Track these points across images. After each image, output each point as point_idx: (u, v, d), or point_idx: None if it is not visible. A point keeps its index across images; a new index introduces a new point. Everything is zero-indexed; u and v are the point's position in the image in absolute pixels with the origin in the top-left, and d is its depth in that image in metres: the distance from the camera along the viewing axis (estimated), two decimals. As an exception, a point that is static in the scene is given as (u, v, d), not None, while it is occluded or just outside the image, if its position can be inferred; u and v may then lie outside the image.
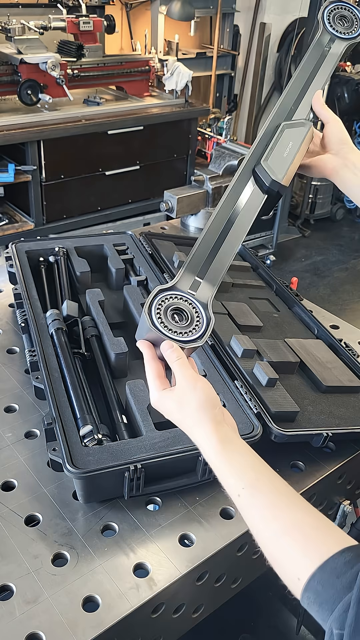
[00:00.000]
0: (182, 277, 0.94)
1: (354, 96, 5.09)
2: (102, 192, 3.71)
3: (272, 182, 1.01)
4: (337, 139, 1.12)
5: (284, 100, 1.10)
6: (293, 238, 5.16)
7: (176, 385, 0.86)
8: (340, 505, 1.38)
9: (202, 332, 0.90)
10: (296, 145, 1.05)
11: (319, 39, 1.15)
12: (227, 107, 5.21)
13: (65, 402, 1.20)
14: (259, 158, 1.03)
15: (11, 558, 1.02)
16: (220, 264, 0.96)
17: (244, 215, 1.00)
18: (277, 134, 1.05)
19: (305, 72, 1.12)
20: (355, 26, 1.16)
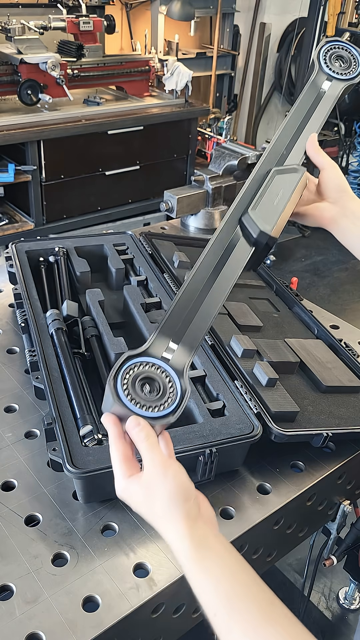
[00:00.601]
0: (155, 341, 0.84)
1: (354, 96, 5.09)
2: (102, 192, 3.71)
3: (260, 234, 0.93)
4: (335, 187, 1.06)
5: (276, 143, 1.02)
6: (293, 238, 5.16)
7: (144, 472, 0.75)
8: (340, 505, 1.38)
9: (175, 405, 0.79)
10: (288, 193, 0.97)
11: (315, 79, 1.08)
12: (227, 107, 5.21)
13: (65, 402, 1.20)
14: (247, 206, 0.96)
15: (11, 558, 1.02)
16: (199, 326, 0.86)
17: (229, 270, 0.91)
18: (267, 181, 0.97)
19: (299, 114, 1.06)
20: (353, 66, 1.10)
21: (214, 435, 1.15)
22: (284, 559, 2.24)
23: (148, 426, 0.77)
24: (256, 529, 1.13)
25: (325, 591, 2.21)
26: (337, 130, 5.33)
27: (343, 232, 1.07)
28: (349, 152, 5.41)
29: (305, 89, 1.07)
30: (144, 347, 0.83)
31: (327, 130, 5.11)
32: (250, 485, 1.20)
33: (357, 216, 1.05)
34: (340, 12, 4.80)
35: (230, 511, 1.14)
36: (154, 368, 0.82)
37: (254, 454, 1.21)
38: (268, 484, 1.21)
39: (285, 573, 2.24)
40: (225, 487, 1.19)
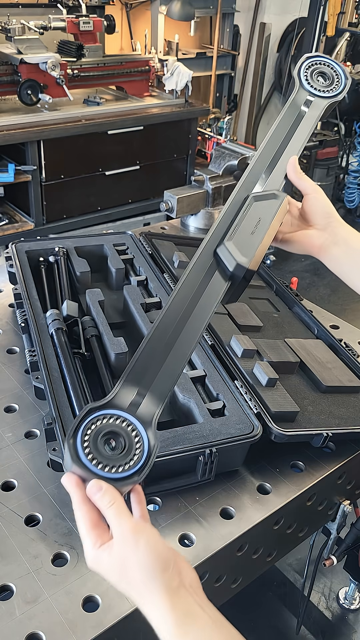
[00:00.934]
0: (120, 390, 0.76)
1: (354, 96, 5.10)
2: (102, 192, 3.71)
3: (237, 267, 0.86)
4: (322, 213, 0.99)
5: (254, 167, 0.95)
6: (293, 238, 5.15)
7: (113, 541, 0.68)
8: (340, 505, 1.38)
9: (142, 463, 0.72)
10: (267, 221, 0.89)
11: (295, 97, 1.01)
12: (227, 107, 5.21)
13: (65, 402, 1.20)
14: (222, 237, 0.88)
15: (11, 558, 1.02)
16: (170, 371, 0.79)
17: (203, 307, 0.84)
18: (244, 208, 0.90)
19: (279, 134, 0.98)
20: (336, 83, 1.03)
21: (214, 435, 1.15)
22: (284, 559, 2.24)
23: (112, 490, 0.69)
24: (256, 529, 1.13)
25: (325, 591, 2.21)
26: (337, 130, 5.33)
27: (335, 260, 1.00)
28: (349, 152, 5.41)
29: (286, 107, 1.01)
30: (108, 398, 0.75)
31: (327, 130, 5.12)
32: (250, 485, 1.20)
33: (349, 244, 0.98)
34: (340, 12, 4.81)
35: (230, 511, 1.14)
36: (119, 421, 0.74)
37: (254, 454, 1.21)
38: (268, 484, 1.21)
39: (285, 573, 2.24)
40: (225, 487, 1.19)
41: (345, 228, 1.00)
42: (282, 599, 2.18)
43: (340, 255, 0.98)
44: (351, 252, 0.97)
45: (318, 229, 0.99)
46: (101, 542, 0.68)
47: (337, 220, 0.99)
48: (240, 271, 0.86)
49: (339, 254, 0.98)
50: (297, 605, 2.09)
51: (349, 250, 0.97)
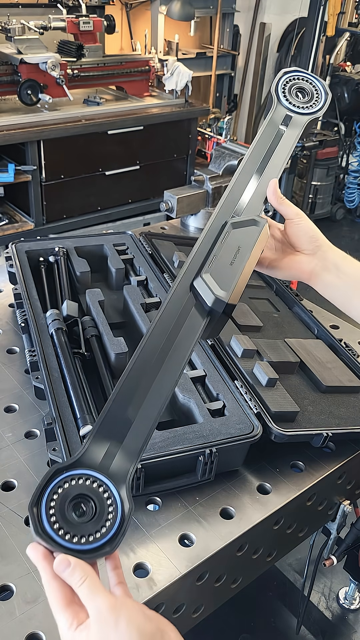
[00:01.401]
0: (89, 447, 0.69)
1: (354, 96, 5.10)
2: (102, 192, 3.71)
3: (216, 301, 0.78)
4: (308, 238, 0.93)
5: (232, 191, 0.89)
6: (293, 238, 5.15)
7: (90, 621, 0.60)
8: (340, 505, 1.38)
9: (115, 531, 0.64)
10: (247, 250, 0.83)
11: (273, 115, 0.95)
12: (227, 107, 5.21)
13: (65, 402, 1.20)
14: (199, 269, 0.81)
15: (11, 558, 1.02)
16: (145, 421, 0.71)
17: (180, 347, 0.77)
18: (222, 236, 0.83)
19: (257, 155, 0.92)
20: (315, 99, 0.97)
21: (214, 435, 1.15)
22: (284, 559, 2.25)
23: (82, 564, 0.61)
24: (256, 529, 1.13)
25: (325, 591, 2.21)
26: (337, 130, 5.33)
27: (327, 287, 0.94)
28: (349, 152, 5.41)
29: (264, 126, 0.94)
30: (76, 456, 0.68)
31: (327, 131, 5.12)
32: (250, 485, 1.20)
33: (340, 268, 0.93)
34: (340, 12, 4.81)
35: (230, 511, 1.14)
36: (89, 482, 0.66)
37: (254, 454, 1.21)
38: (268, 484, 1.21)
39: (285, 573, 2.24)
40: (225, 487, 1.19)
41: (334, 252, 0.95)
42: (282, 599, 2.18)
43: (332, 281, 0.93)
44: (343, 277, 0.92)
45: (306, 254, 0.94)
46: (77, 622, 0.61)
47: (324, 244, 0.94)
48: (219, 306, 0.79)
49: (331, 279, 0.93)
50: (297, 605, 2.09)
51: (341, 275, 0.92)
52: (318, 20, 4.20)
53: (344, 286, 0.92)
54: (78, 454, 0.69)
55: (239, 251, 0.83)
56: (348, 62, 5.37)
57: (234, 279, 0.80)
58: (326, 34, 4.63)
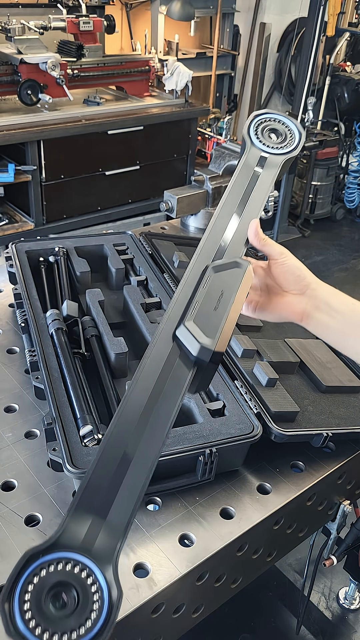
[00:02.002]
0: (69, 525, 0.61)
1: (354, 96, 5.10)
2: (102, 192, 3.71)
3: (201, 350, 0.73)
4: (294, 278, 0.89)
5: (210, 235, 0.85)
6: (293, 238, 5.16)
7: None
8: (340, 505, 1.38)
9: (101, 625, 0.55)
10: (230, 294, 0.78)
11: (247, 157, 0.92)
12: (227, 107, 5.21)
13: (65, 402, 1.20)
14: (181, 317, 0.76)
15: (11, 558, 1.02)
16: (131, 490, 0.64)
17: (165, 404, 0.70)
18: (203, 281, 0.79)
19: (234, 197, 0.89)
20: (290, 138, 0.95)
21: (214, 435, 1.15)
22: (284, 559, 2.25)
23: None
24: (256, 529, 1.13)
25: (325, 591, 2.21)
26: (337, 130, 5.33)
27: (321, 326, 0.90)
28: (349, 152, 5.41)
29: (239, 168, 0.92)
30: (53, 538, 0.60)
31: (327, 131, 5.12)
32: (250, 485, 1.20)
33: (332, 306, 0.88)
34: (340, 12, 4.81)
35: (230, 511, 1.14)
36: (69, 567, 0.57)
37: (254, 454, 1.21)
38: (268, 484, 1.21)
39: (285, 573, 2.24)
40: (225, 487, 1.19)
41: (323, 289, 0.90)
42: (282, 599, 2.19)
43: (325, 320, 0.89)
44: (336, 316, 0.88)
45: (294, 294, 0.90)
46: None
47: (313, 281, 0.90)
48: (205, 355, 0.73)
49: (324, 319, 0.89)
50: (297, 605, 2.09)
51: (333, 313, 0.88)
52: (318, 20, 4.21)
53: (338, 325, 0.88)
54: (56, 533, 0.60)
55: (223, 296, 0.78)
56: (348, 62, 5.37)
57: (219, 325, 0.76)
58: (326, 34, 4.63)
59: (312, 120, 4.40)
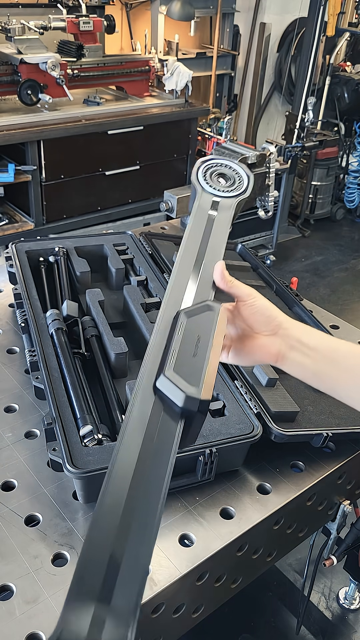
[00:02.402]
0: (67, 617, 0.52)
1: (354, 96, 5.10)
2: (102, 192, 3.71)
3: (187, 400, 0.68)
4: (265, 318, 0.85)
5: (175, 282, 0.83)
6: (293, 238, 5.16)
7: None
8: (340, 505, 1.38)
9: None
10: (207, 337, 0.75)
11: (200, 203, 0.92)
12: (227, 107, 5.21)
13: (65, 402, 1.20)
14: (159, 368, 0.71)
15: (11, 558, 1.02)
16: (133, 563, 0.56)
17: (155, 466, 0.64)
18: (177, 328, 0.75)
19: (194, 243, 0.87)
20: (239, 181, 0.95)
21: (214, 435, 1.15)
22: (284, 559, 2.24)
23: None
24: (256, 529, 1.13)
25: (325, 591, 2.21)
26: (337, 130, 5.33)
27: (296, 366, 0.86)
28: (349, 152, 5.41)
29: (193, 213, 0.91)
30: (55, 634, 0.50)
31: (327, 131, 5.12)
32: (250, 485, 1.20)
33: (306, 344, 0.84)
34: (340, 12, 4.81)
35: (230, 511, 1.14)
36: None
37: (254, 454, 1.21)
38: (268, 484, 1.21)
39: (285, 573, 2.24)
40: (225, 487, 1.19)
41: (296, 327, 0.86)
42: (282, 599, 2.18)
43: (300, 359, 0.84)
44: (311, 354, 0.84)
45: (267, 335, 0.86)
46: None
47: (284, 320, 0.86)
48: (192, 404, 0.68)
49: (300, 358, 0.84)
50: (297, 605, 2.09)
51: (308, 351, 0.84)
52: (318, 20, 4.21)
53: (314, 363, 0.84)
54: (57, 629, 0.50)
55: (200, 341, 0.74)
56: (348, 62, 5.37)
57: (202, 371, 0.71)
58: (326, 34, 4.62)
59: (312, 120, 4.40)
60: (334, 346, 0.85)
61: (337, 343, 0.86)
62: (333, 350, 0.85)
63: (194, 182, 0.94)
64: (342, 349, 0.85)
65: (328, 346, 0.85)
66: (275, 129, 5.85)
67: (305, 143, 4.32)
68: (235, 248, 2.00)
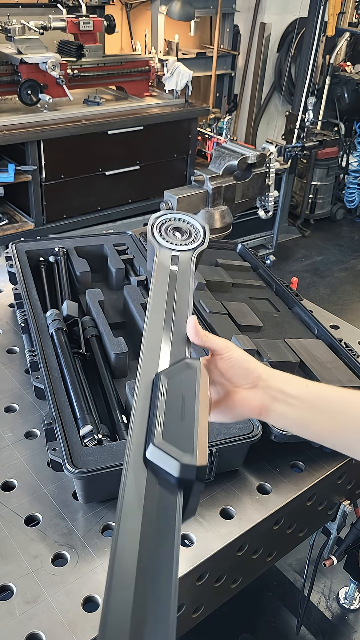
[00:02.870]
0: None
1: (354, 96, 5.10)
2: (102, 192, 3.71)
3: (183, 469, 0.63)
4: (243, 371, 0.81)
5: (148, 343, 0.78)
6: (293, 238, 5.16)
7: None
8: (340, 505, 1.39)
9: None
10: (193, 398, 0.70)
11: (159, 259, 0.90)
12: (227, 107, 5.21)
13: (65, 402, 1.20)
14: (147, 438, 0.66)
15: (11, 558, 1.02)
16: None
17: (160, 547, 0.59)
18: (159, 392, 0.70)
19: (160, 300, 0.84)
20: (195, 234, 0.94)
21: (214, 435, 1.15)
22: (284, 559, 2.24)
23: None
24: (256, 529, 1.13)
25: (325, 591, 2.21)
26: (337, 130, 5.33)
27: (282, 417, 0.82)
28: (349, 152, 5.41)
29: (155, 270, 0.89)
30: None
31: (327, 131, 5.12)
32: (250, 485, 1.20)
33: (288, 393, 0.81)
34: (340, 12, 4.81)
35: (230, 511, 1.14)
36: None
37: (254, 454, 1.21)
38: (268, 484, 1.21)
39: (285, 573, 2.24)
40: (225, 487, 1.19)
41: (275, 377, 0.83)
42: (282, 599, 2.18)
43: (286, 410, 0.81)
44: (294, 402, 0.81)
45: (247, 388, 0.81)
46: None
47: (263, 371, 0.82)
48: (189, 473, 0.63)
49: (282, 409, 0.81)
50: (297, 605, 2.09)
51: (290, 399, 0.81)
52: (318, 20, 4.21)
53: (298, 412, 0.81)
54: None
55: (185, 402, 0.70)
56: (348, 62, 5.37)
57: (193, 434, 0.67)
58: (326, 34, 4.62)
59: (312, 120, 4.40)
60: (320, 393, 0.82)
61: (322, 390, 0.83)
62: (320, 398, 0.81)
63: (151, 240, 0.92)
64: (331, 395, 0.82)
65: (314, 394, 0.82)
66: (275, 129, 5.85)
67: (305, 143, 4.32)
68: (235, 248, 2.00)
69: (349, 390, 0.83)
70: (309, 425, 0.82)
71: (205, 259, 1.83)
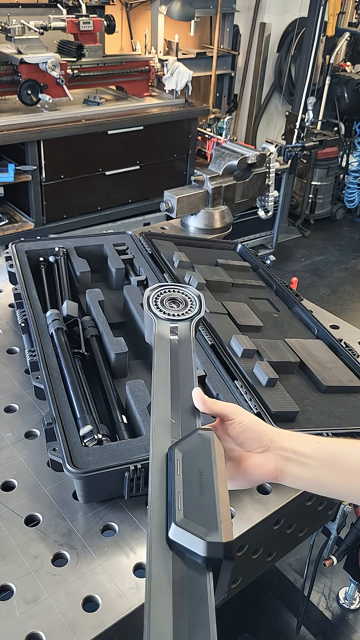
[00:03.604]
0: None
1: (354, 96, 5.10)
2: (102, 192, 3.71)
3: (210, 547, 0.60)
4: (256, 435, 0.80)
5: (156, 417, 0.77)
6: (293, 238, 5.16)
7: None
8: (340, 505, 1.38)
9: None
10: (210, 470, 0.68)
11: (158, 331, 0.90)
12: (227, 107, 5.21)
13: (65, 402, 1.20)
14: (167, 517, 0.63)
15: (11, 558, 1.02)
16: None
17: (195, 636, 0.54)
18: (174, 467, 0.68)
19: (164, 374, 0.84)
20: (190, 303, 0.95)
21: (214, 435, 1.15)
22: (284, 559, 2.25)
23: None
24: (256, 529, 1.13)
25: (325, 591, 2.21)
26: (337, 130, 5.33)
27: (297, 478, 0.81)
28: (349, 152, 5.41)
29: (155, 342, 0.90)
30: None
31: (327, 131, 5.12)
32: (250, 485, 1.20)
33: (301, 453, 0.80)
34: (340, 12, 4.81)
35: (230, 511, 1.14)
36: None
37: (254, 454, 1.21)
38: (268, 484, 1.21)
39: (285, 573, 2.24)
40: (225, 487, 1.19)
41: (287, 438, 0.82)
42: (282, 599, 2.19)
43: (300, 471, 0.81)
44: (307, 461, 0.81)
45: (260, 452, 0.81)
46: None
47: (274, 433, 0.82)
48: (216, 551, 0.60)
49: (299, 470, 0.81)
50: (297, 605, 2.09)
51: (302, 458, 0.81)
52: (318, 20, 4.21)
53: (312, 471, 0.81)
54: None
55: (202, 475, 0.67)
56: (348, 62, 5.37)
57: (216, 509, 0.64)
58: (326, 34, 4.62)
59: (312, 120, 4.40)
60: (332, 450, 0.82)
61: (334, 445, 0.83)
62: (333, 455, 0.82)
63: (147, 313, 0.92)
64: (343, 450, 0.82)
65: (326, 451, 0.82)
66: (275, 129, 5.85)
67: (305, 143, 4.32)
68: (235, 248, 2.00)
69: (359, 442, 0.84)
70: (325, 484, 0.82)
71: (205, 259, 1.83)
